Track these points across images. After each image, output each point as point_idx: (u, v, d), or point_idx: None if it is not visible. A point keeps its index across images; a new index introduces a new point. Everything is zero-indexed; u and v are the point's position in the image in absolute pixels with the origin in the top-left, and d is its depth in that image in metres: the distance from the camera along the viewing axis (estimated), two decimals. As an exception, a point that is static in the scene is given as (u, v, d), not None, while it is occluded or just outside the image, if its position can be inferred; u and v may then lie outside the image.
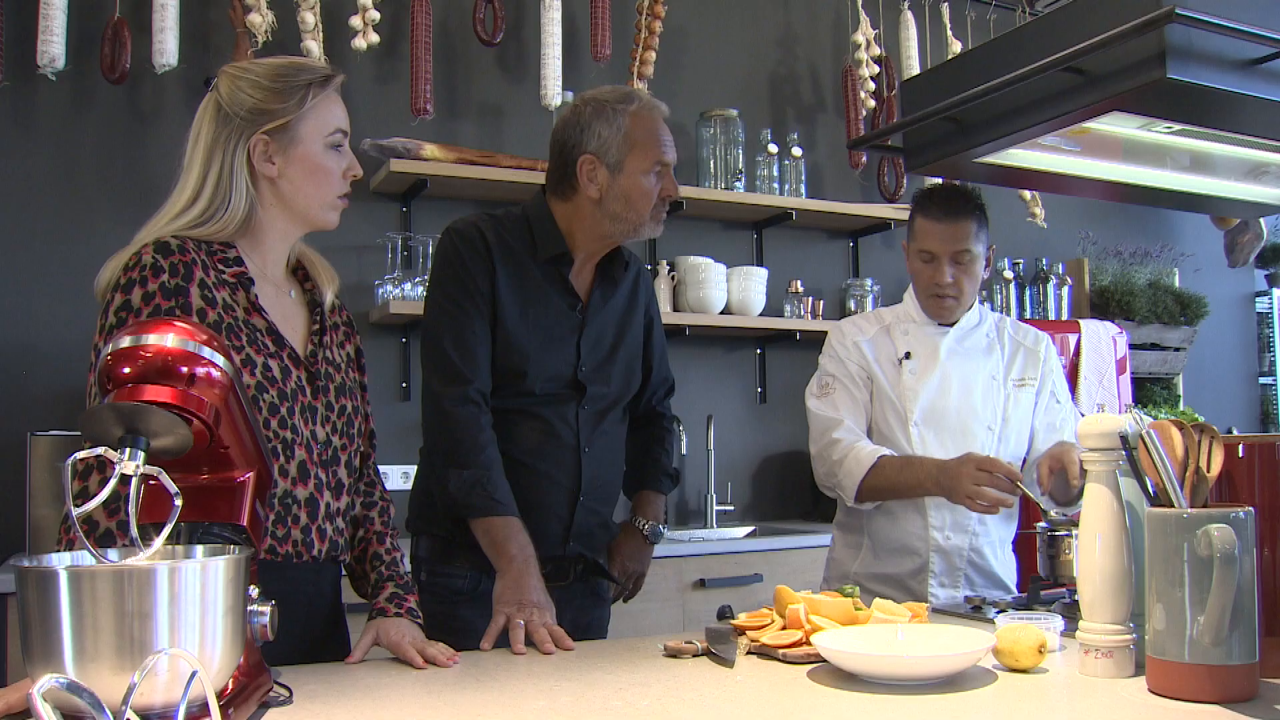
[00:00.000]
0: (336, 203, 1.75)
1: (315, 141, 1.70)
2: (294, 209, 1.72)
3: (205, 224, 1.64)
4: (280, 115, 1.67)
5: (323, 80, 1.71)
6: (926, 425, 2.37)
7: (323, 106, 1.71)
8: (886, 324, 2.48)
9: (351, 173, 1.75)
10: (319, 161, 1.70)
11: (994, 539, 2.41)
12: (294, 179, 1.70)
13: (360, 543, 1.84)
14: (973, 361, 2.43)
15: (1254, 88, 1.57)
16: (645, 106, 2.10)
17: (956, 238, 2.33)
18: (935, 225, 2.34)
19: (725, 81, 4.47)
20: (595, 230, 2.12)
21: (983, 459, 2.08)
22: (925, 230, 2.36)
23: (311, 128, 1.69)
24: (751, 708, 1.36)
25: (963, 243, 2.33)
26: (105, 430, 1.18)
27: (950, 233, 2.33)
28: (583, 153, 2.08)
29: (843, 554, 2.51)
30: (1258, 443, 1.45)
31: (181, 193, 1.67)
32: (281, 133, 1.68)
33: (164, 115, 3.53)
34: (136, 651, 1.06)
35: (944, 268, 2.34)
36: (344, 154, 1.74)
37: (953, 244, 2.33)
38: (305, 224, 1.75)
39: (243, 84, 1.67)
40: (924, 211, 2.37)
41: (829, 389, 2.42)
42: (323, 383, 1.73)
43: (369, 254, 3.67)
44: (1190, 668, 1.30)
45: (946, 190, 2.38)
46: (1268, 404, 5.90)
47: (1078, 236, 5.11)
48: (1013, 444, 2.42)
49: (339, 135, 1.73)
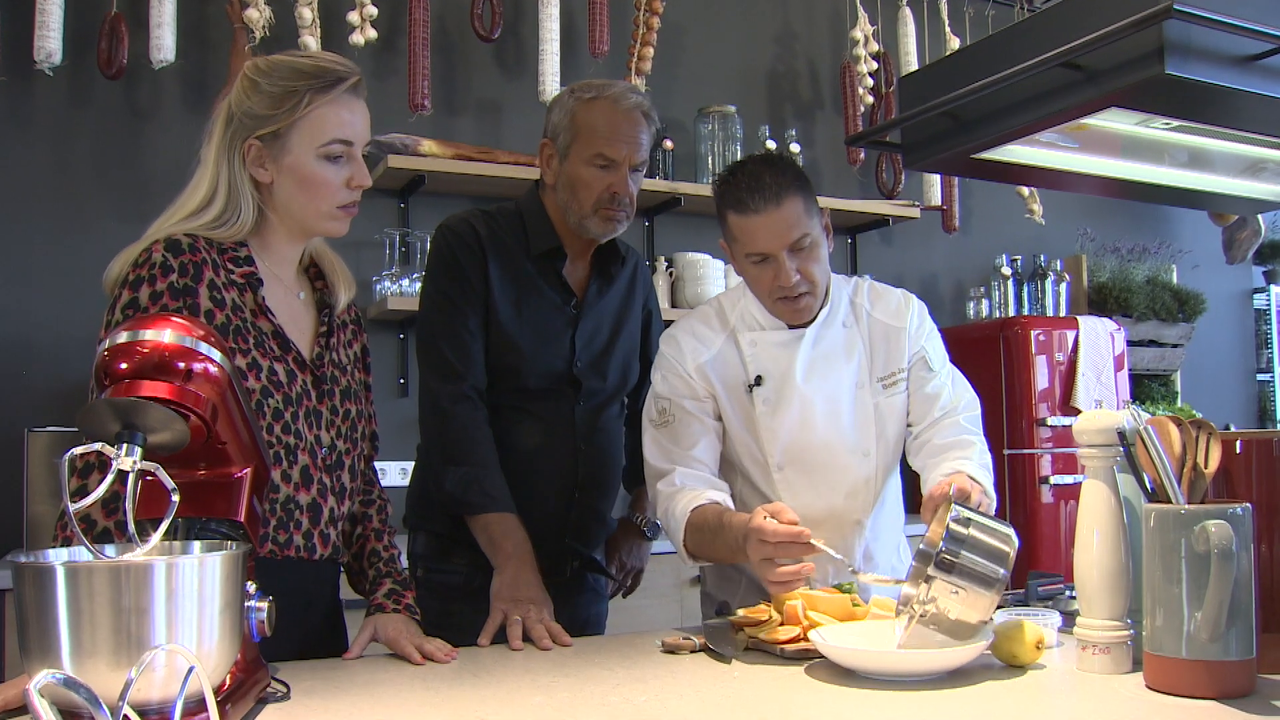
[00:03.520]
0: (336, 213, 1.66)
1: (306, 152, 1.62)
2: (290, 217, 1.67)
3: (221, 227, 1.61)
4: (270, 122, 1.61)
5: (325, 86, 1.62)
6: (792, 467, 1.99)
7: (320, 114, 1.62)
8: (731, 328, 2.03)
9: (356, 182, 1.66)
10: (309, 172, 1.62)
11: (885, 542, 2.09)
12: (285, 188, 1.64)
13: (358, 540, 1.84)
14: (834, 372, 2.01)
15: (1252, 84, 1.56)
16: (606, 98, 2.06)
17: (786, 226, 1.87)
18: (755, 220, 1.87)
19: (723, 78, 4.46)
20: (562, 221, 2.12)
21: (761, 527, 1.63)
22: (744, 229, 1.90)
23: (303, 138, 1.61)
24: (749, 704, 1.36)
25: (795, 229, 1.88)
26: (102, 426, 1.18)
27: (775, 224, 1.87)
28: (543, 137, 2.12)
29: (717, 587, 2.15)
30: (1255, 439, 1.45)
31: (197, 190, 1.64)
32: (272, 140, 1.62)
33: (161, 111, 3.52)
34: (134, 647, 1.06)
35: (784, 266, 1.89)
36: (344, 164, 1.65)
37: (784, 236, 1.88)
38: (304, 232, 1.70)
39: (247, 83, 1.63)
40: (735, 206, 1.90)
41: (670, 418, 1.99)
42: (328, 386, 1.72)
43: (366, 250, 3.66)
44: (1187, 664, 1.30)
45: (752, 170, 1.90)
46: (1265, 400, 5.91)
47: (1076, 233, 5.11)
48: (891, 460, 2.06)
49: (336, 146, 1.63)
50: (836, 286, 2.07)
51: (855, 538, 2.01)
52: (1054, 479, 4.23)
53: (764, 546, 1.63)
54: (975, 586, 1.48)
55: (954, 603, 1.48)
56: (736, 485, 2.04)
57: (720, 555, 1.85)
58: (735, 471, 2.05)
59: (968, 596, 1.48)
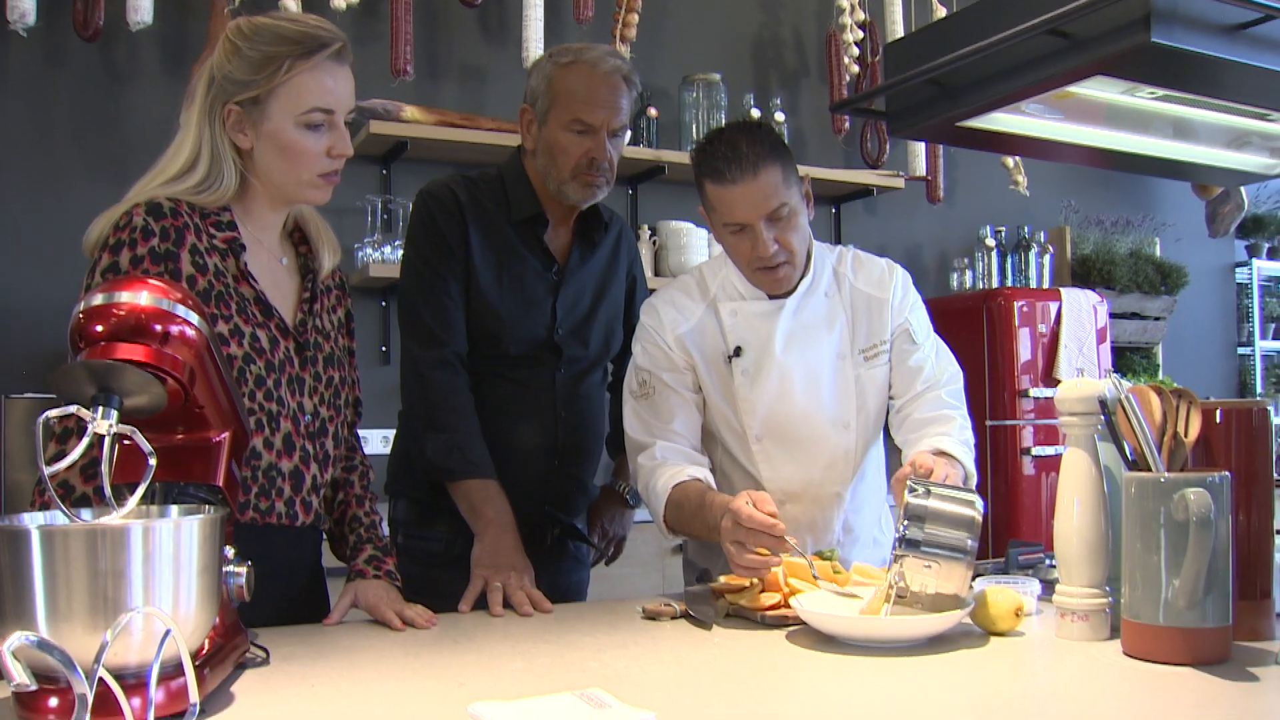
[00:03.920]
0: (317, 181, 1.63)
1: (285, 119, 1.58)
2: (270, 184, 1.64)
3: (204, 193, 1.59)
4: (250, 88, 1.58)
5: (308, 52, 1.58)
6: (770, 439, 1.98)
7: (300, 81, 1.58)
8: (711, 298, 2.02)
9: (337, 151, 1.63)
10: (289, 139, 1.59)
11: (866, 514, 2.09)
12: (265, 155, 1.61)
13: (339, 506, 1.83)
14: (815, 343, 1.99)
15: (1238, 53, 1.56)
16: (584, 62, 2.04)
17: (764, 196, 1.85)
18: (733, 190, 1.85)
19: (708, 45, 4.44)
20: (544, 187, 2.11)
21: (739, 510, 1.63)
22: (721, 198, 1.88)
23: (282, 105, 1.58)
24: (729, 669, 1.36)
25: (773, 198, 1.85)
26: (78, 389, 1.16)
27: (753, 193, 1.85)
28: (523, 102, 2.10)
29: (699, 554, 2.15)
30: (1235, 408, 1.46)
31: (179, 154, 1.61)
32: (252, 106, 1.59)
33: (139, 74, 3.48)
34: (110, 611, 1.05)
35: (761, 237, 1.87)
36: (324, 133, 1.61)
37: (762, 205, 1.86)
38: (285, 199, 1.68)
39: (229, 46, 1.60)
40: (712, 176, 1.88)
41: (649, 390, 1.99)
42: (311, 353, 1.70)
43: (348, 217, 3.64)
44: (1164, 630, 1.31)
45: (729, 139, 1.88)
46: (1245, 374, 5.95)
47: (1060, 205, 5.12)
48: (872, 432, 2.05)
49: (317, 114, 1.59)
50: (820, 255, 2.05)
51: (834, 509, 2.02)
52: (1035, 450, 4.25)
53: (737, 529, 1.63)
54: (945, 557, 1.48)
55: (929, 578, 1.48)
56: (717, 456, 2.04)
57: (698, 532, 1.85)
58: (715, 442, 2.04)
59: (940, 569, 1.48)
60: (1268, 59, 1.58)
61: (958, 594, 1.48)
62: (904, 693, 1.25)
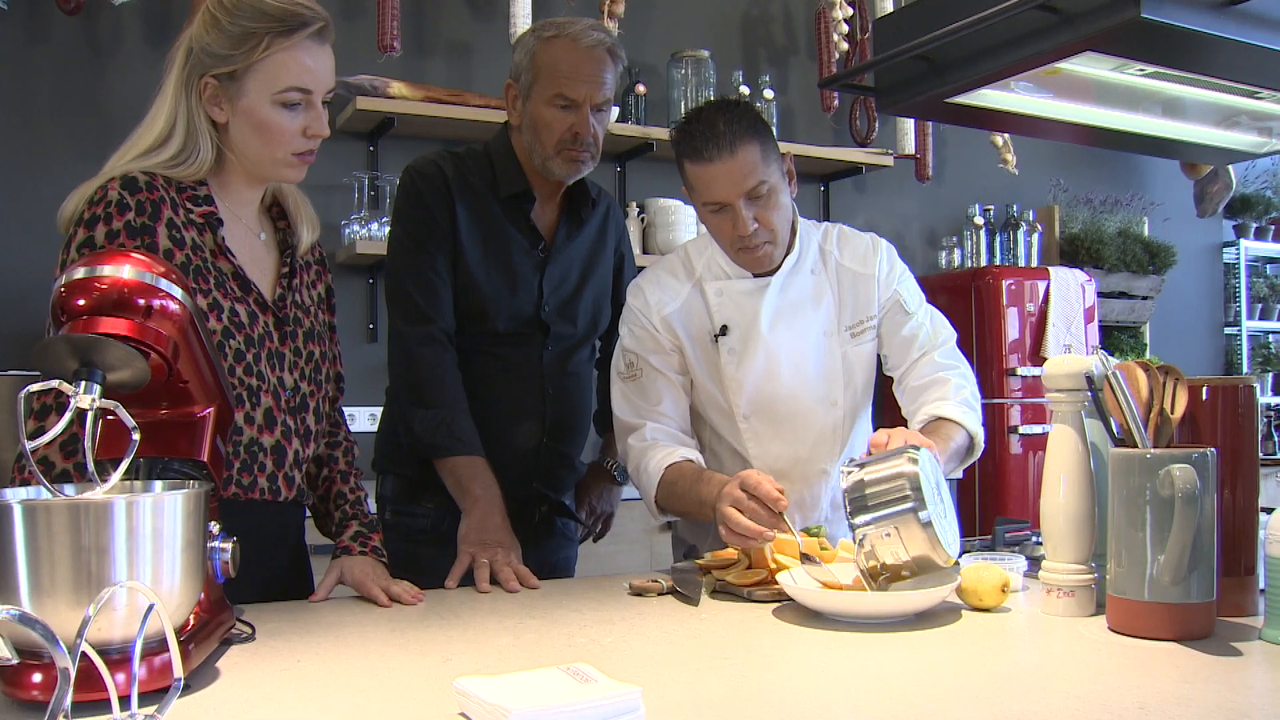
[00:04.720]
0: (291, 160, 1.62)
1: (261, 97, 1.57)
2: (245, 160, 1.63)
3: (180, 166, 1.57)
4: (227, 63, 1.56)
5: (287, 30, 1.56)
6: (758, 417, 1.99)
7: (279, 59, 1.56)
8: (697, 277, 2.02)
9: (313, 131, 1.61)
10: (264, 117, 1.58)
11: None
12: (240, 131, 1.60)
13: (324, 482, 1.82)
14: (801, 320, 1.99)
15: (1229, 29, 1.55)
16: (566, 36, 2.03)
17: (742, 174, 1.84)
18: (710, 169, 1.85)
19: (697, 22, 4.41)
20: (530, 163, 2.10)
21: (748, 476, 1.66)
22: (700, 177, 1.88)
23: (259, 82, 1.57)
24: (716, 645, 1.36)
25: (751, 177, 1.84)
26: (60, 363, 1.15)
27: (731, 172, 1.84)
28: (508, 78, 2.09)
29: (688, 530, 2.16)
30: (1221, 385, 1.46)
31: (154, 124, 1.60)
32: (229, 80, 1.57)
33: (122, 49, 3.45)
34: (93, 586, 1.04)
35: (741, 215, 1.86)
36: (301, 112, 1.60)
37: (740, 184, 1.85)
38: (259, 177, 1.66)
39: (209, 18, 1.58)
40: (690, 155, 1.88)
41: (637, 373, 1.99)
42: (291, 328, 1.69)
43: (335, 193, 3.62)
44: (1149, 606, 1.31)
45: (707, 117, 1.87)
46: (1232, 354, 5.97)
47: (1049, 184, 5.12)
48: (859, 409, 2.06)
49: (294, 94, 1.58)
50: (805, 233, 2.04)
51: (822, 486, 2.02)
52: (1023, 429, 4.27)
53: (740, 495, 1.64)
54: (895, 516, 1.46)
55: (895, 545, 1.47)
56: (705, 435, 2.05)
57: (689, 507, 1.85)
58: (703, 421, 2.05)
59: (900, 531, 1.46)
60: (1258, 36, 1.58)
61: (931, 554, 1.47)
62: (890, 668, 1.26)
